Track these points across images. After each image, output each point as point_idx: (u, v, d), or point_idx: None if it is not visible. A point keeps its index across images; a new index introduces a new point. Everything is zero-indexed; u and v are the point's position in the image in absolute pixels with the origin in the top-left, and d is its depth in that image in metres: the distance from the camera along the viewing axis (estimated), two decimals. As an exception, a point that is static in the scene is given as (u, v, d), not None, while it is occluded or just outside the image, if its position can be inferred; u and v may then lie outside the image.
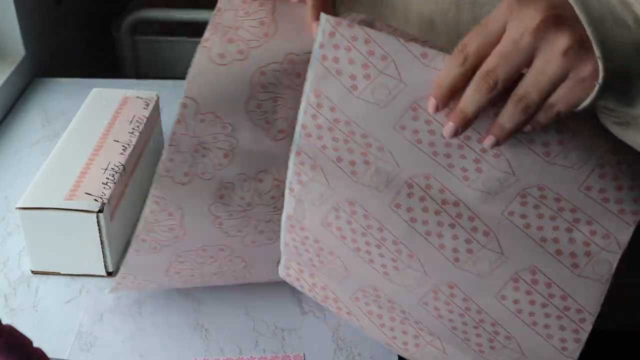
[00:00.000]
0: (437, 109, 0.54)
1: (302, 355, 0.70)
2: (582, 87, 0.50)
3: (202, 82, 0.59)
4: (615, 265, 0.57)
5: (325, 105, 0.57)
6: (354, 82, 0.55)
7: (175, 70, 1.67)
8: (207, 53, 0.59)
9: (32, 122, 1.06)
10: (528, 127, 0.52)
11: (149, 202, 0.63)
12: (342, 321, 0.74)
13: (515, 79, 0.51)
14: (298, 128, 0.59)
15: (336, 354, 0.70)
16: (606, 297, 0.59)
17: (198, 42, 0.59)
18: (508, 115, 0.52)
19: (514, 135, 0.53)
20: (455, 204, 0.57)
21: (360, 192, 0.59)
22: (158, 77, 1.22)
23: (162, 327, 0.73)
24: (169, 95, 1.13)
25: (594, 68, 0.49)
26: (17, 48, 1.16)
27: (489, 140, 0.53)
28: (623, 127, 0.55)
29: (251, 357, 0.70)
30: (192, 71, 0.59)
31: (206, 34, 0.60)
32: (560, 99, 0.51)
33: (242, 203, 0.66)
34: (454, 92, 0.53)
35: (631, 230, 0.56)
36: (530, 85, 0.51)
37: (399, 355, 0.70)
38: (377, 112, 0.55)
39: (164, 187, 0.63)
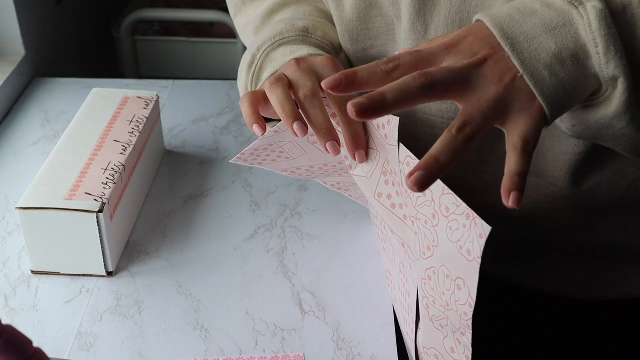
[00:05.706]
0: (334, 86, 0.50)
1: (302, 355, 0.70)
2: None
3: None
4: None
5: None
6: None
7: (175, 70, 1.68)
8: None
9: (32, 122, 1.06)
10: None
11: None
12: (342, 321, 0.74)
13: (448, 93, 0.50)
14: None
15: (336, 354, 0.70)
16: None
17: (198, 42, 0.59)
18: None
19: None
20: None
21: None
22: (158, 77, 1.22)
23: (162, 327, 0.73)
24: (169, 95, 1.13)
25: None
26: (17, 48, 1.16)
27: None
28: (593, 109, 0.55)
29: (251, 357, 0.70)
30: None
31: None
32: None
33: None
34: (363, 85, 0.50)
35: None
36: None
37: (400, 356, 0.70)
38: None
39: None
